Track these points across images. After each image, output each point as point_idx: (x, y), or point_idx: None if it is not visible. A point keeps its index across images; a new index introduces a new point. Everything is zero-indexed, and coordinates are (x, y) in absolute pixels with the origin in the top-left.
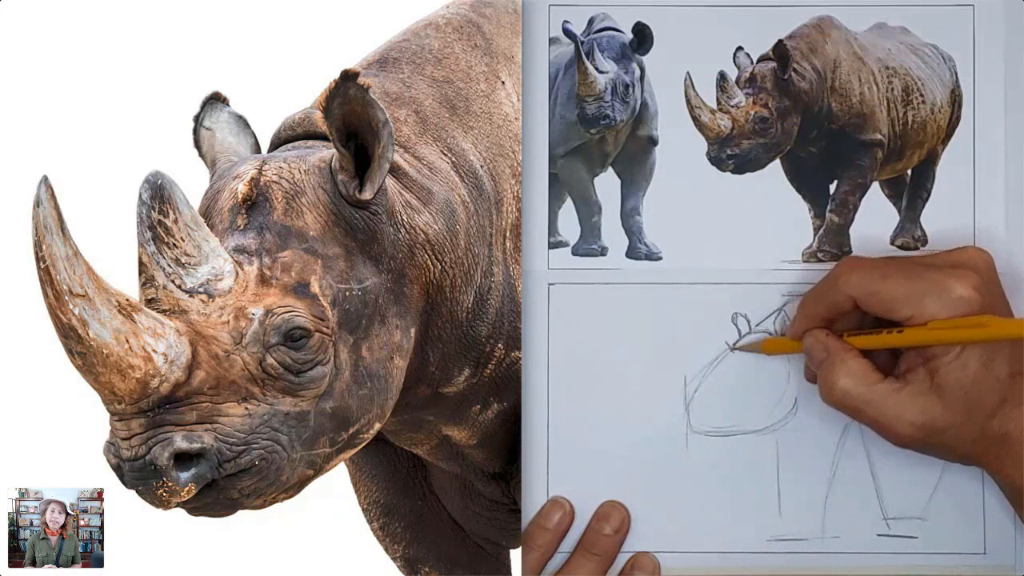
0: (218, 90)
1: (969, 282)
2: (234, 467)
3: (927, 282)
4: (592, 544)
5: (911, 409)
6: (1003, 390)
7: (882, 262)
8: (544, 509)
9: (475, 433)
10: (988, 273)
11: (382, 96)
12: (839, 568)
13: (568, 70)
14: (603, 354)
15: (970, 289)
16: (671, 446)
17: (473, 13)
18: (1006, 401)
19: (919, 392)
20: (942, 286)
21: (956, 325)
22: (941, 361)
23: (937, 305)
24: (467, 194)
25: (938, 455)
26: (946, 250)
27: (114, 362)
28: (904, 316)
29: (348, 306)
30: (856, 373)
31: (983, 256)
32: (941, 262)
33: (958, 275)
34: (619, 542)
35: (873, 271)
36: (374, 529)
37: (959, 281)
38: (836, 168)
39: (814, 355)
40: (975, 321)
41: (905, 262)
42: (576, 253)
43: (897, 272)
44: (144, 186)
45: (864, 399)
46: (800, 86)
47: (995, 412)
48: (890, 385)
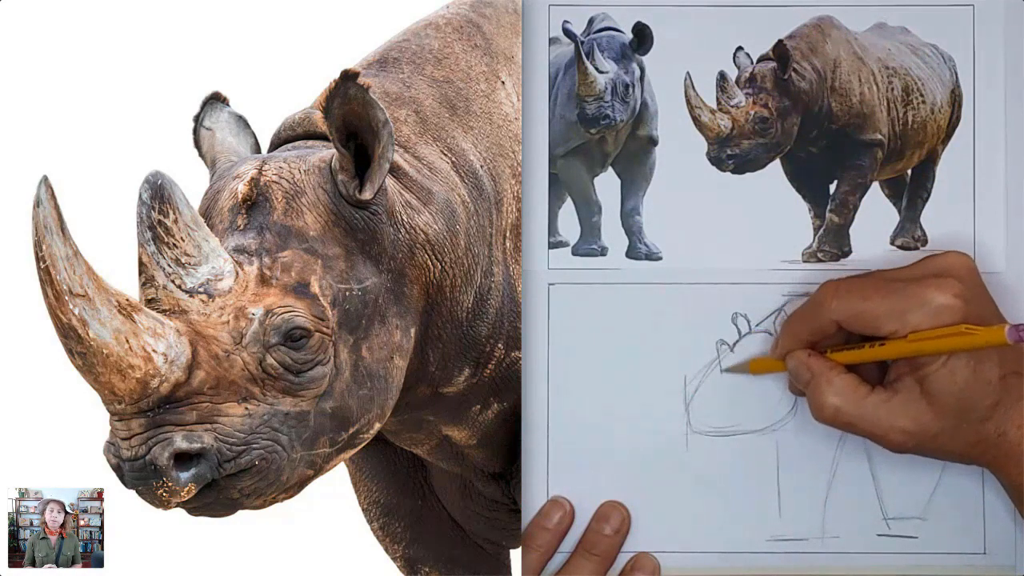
0: (218, 90)
1: (950, 290)
2: (234, 467)
3: (907, 296)
4: (592, 544)
5: (902, 418)
6: (995, 393)
7: (860, 282)
8: (544, 509)
9: (475, 433)
10: (970, 278)
11: (382, 96)
12: (839, 568)
13: (568, 70)
14: (603, 354)
15: (951, 297)
16: (671, 446)
17: (473, 13)
18: (1000, 403)
19: (909, 400)
20: (922, 298)
21: (937, 335)
22: (929, 369)
23: (919, 317)
24: (467, 194)
25: (938, 457)
26: (928, 256)
27: (114, 362)
28: (888, 332)
29: (348, 306)
30: (844, 390)
31: (964, 261)
32: (921, 272)
33: (938, 284)
34: (619, 543)
35: (853, 293)
36: (374, 529)
37: (939, 291)
38: (836, 168)
39: (799, 376)
40: (956, 330)
41: (885, 279)
42: (576, 253)
43: (876, 291)
44: (144, 186)
45: (855, 414)
46: (800, 86)
47: (990, 415)
48: (879, 396)
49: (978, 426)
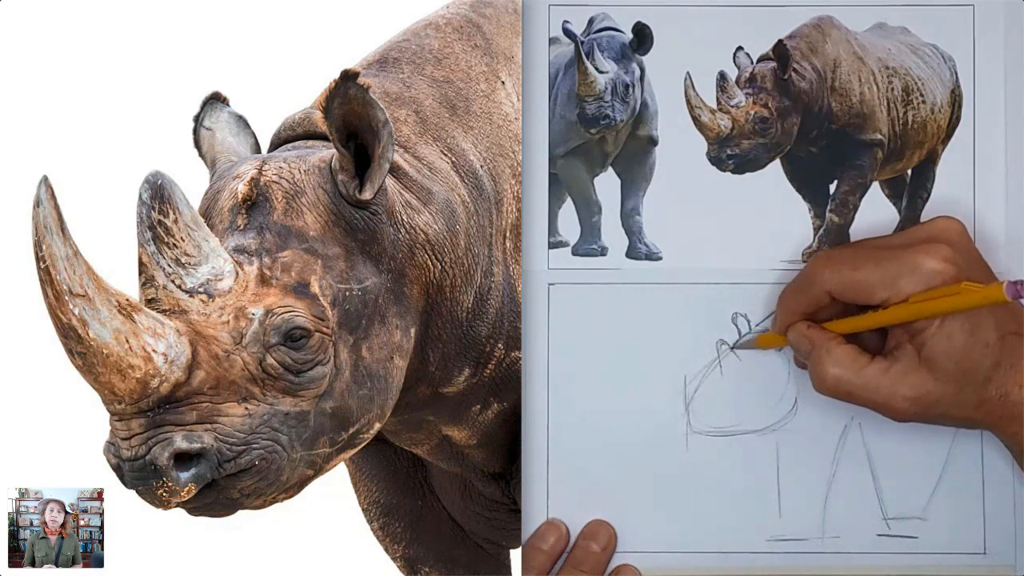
0: (218, 90)
1: (940, 254)
2: (234, 467)
3: (898, 262)
4: (581, 561)
5: (903, 385)
6: (994, 354)
7: (851, 251)
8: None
9: (475, 433)
10: (960, 242)
11: (382, 96)
12: (839, 568)
13: (568, 70)
14: (603, 354)
15: (941, 261)
16: (671, 446)
17: (473, 13)
18: (1000, 364)
19: (909, 368)
20: (913, 263)
21: (939, 294)
22: (926, 335)
23: (911, 283)
24: (467, 194)
25: (942, 423)
26: (917, 225)
27: (114, 362)
28: (881, 300)
29: (348, 306)
30: (844, 359)
31: (953, 225)
32: (911, 239)
33: (927, 250)
34: (607, 560)
35: (844, 263)
36: (374, 529)
37: (929, 256)
38: (836, 168)
39: (800, 348)
40: (955, 289)
41: (875, 246)
42: (576, 253)
43: (868, 259)
44: (144, 186)
45: (856, 383)
46: (800, 86)
47: (990, 376)
48: (879, 365)
49: (980, 389)
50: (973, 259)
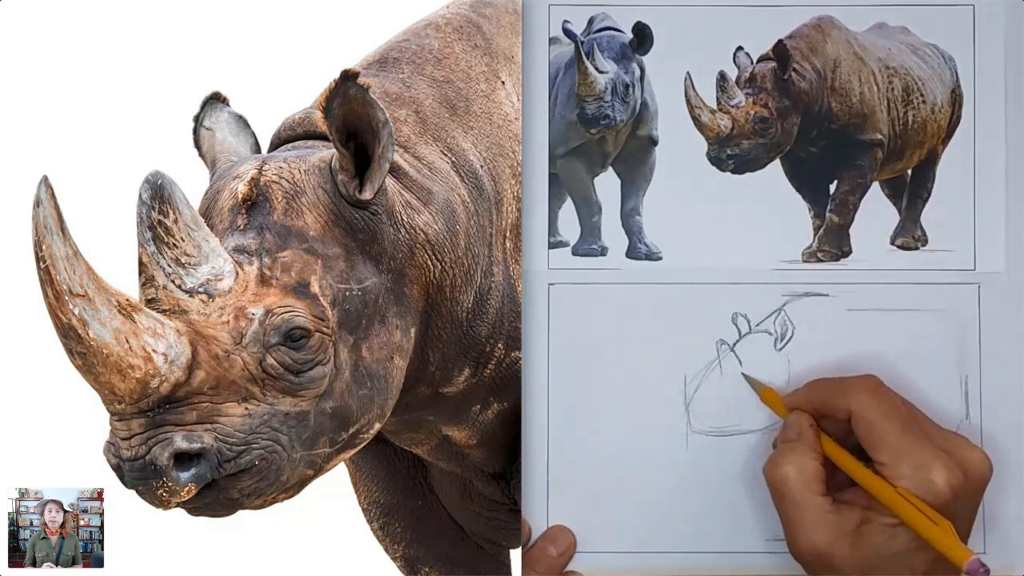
0: (218, 90)
1: (952, 478)
2: (234, 467)
3: (916, 450)
4: (536, 561)
5: (824, 536)
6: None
7: (895, 403)
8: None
9: (475, 433)
10: (976, 480)
11: (382, 96)
12: None
13: (568, 70)
14: (603, 354)
15: (946, 485)
16: (671, 446)
17: (473, 13)
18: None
19: (842, 531)
20: (925, 463)
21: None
22: (879, 518)
23: (909, 475)
24: (467, 194)
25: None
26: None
27: (114, 362)
28: (878, 460)
29: (348, 306)
30: (806, 472)
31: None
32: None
33: (946, 464)
34: (563, 565)
35: (881, 404)
36: (374, 529)
37: (943, 471)
38: (836, 168)
39: (787, 432)
40: (933, 516)
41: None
42: (576, 253)
43: (899, 420)
44: (144, 186)
45: (794, 497)
46: (800, 86)
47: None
48: (825, 503)
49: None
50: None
